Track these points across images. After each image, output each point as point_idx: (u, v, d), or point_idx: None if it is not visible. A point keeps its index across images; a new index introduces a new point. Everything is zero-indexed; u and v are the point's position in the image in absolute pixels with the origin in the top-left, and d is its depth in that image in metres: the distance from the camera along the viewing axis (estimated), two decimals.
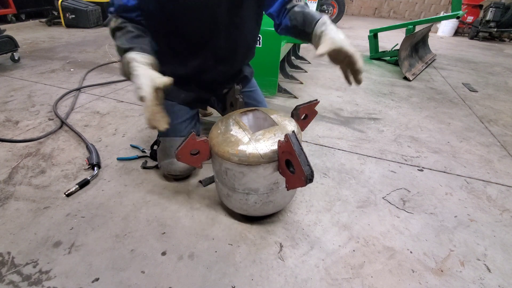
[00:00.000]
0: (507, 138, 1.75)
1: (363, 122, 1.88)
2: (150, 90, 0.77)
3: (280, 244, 0.97)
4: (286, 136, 0.76)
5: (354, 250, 0.96)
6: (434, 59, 3.58)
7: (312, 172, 0.71)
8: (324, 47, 0.85)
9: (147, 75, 0.80)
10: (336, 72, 2.92)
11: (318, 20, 0.90)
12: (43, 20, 4.85)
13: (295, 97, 2.21)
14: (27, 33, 4.07)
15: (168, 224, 1.03)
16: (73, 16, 4.49)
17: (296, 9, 0.99)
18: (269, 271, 0.88)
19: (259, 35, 1.83)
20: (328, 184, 1.27)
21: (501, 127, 1.90)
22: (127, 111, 1.86)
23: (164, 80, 0.80)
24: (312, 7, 2.14)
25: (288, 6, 1.01)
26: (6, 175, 1.24)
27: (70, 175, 1.26)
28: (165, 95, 1.19)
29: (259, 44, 1.85)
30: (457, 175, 1.38)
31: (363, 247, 0.97)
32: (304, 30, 0.95)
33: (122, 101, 2.01)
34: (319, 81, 2.62)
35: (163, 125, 0.82)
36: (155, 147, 1.29)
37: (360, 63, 0.87)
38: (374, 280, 0.86)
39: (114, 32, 0.96)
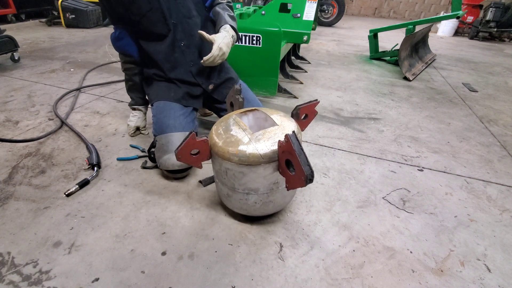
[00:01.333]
0: (507, 138, 1.75)
1: (363, 122, 1.88)
2: (133, 128, 1.56)
3: (280, 244, 0.97)
4: (286, 136, 0.76)
5: (354, 250, 0.96)
6: (434, 59, 3.58)
7: (312, 172, 0.71)
8: (207, 36, 1.20)
9: (134, 121, 1.55)
10: (336, 72, 2.92)
11: (222, 25, 1.27)
12: (43, 20, 4.85)
13: (295, 97, 2.21)
14: (27, 33, 4.07)
15: (168, 224, 1.03)
16: (73, 16, 4.49)
17: (217, 8, 1.35)
18: (269, 271, 0.88)
19: (259, 35, 1.83)
20: (328, 184, 1.27)
21: (501, 127, 1.90)
22: (127, 111, 1.86)
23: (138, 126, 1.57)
24: (312, 7, 2.14)
25: (214, 3, 1.37)
26: (6, 175, 1.24)
27: (70, 175, 1.26)
28: (157, 97, 1.34)
29: (259, 44, 1.85)
30: (457, 175, 1.38)
31: (363, 247, 0.97)
32: (215, 27, 1.34)
33: (122, 101, 2.01)
34: (319, 81, 2.62)
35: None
36: (152, 149, 1.29)
37: (210, 54, 1.19)
38: (374, 280, 0.86)
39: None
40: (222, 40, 1.20)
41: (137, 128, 1.56)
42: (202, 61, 1.21)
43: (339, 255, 0.94)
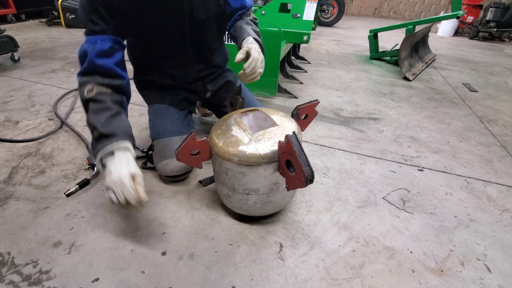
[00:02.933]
0: (507, 138, 1.75)
1: (363, 122, 1.88)
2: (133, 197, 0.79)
3: (280, 244, 0.97)
4: (287, 136, 0.76)
5: (354, 250, 0.96)
6: (434, 59, 3.58)
7: (312, 172, 0.71)
8: (239, 55, 1.02)
9: (127, 165, 0.82)
10: (336, 72, 2.92)
11: (244, 38, 1.10)
12: (43, 20, 4.85)
13: (295, 97, 2.21)
14: (27, 33, 4.07)
15: (168, 224, 1.03)
16: (73, 16, 4.48)
17: (239, 23, 1.20)
18: (269, 271, 0.88)
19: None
20: (328, 184, 1.27)
21: (501, 127, 1.90)
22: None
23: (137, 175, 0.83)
24: (312, 7, 2.14)
25: (238, 19, 1.22)
26: (6, 175, 1.24)
27: (70, 175, 1.26)
28: (153, 100, 1.28)
29: None
30: (457, 175, 1.38)
31: (363, 247, 0.97)
32: (236, 42, 1.18)
33: None
34: (319, 81, 2.62)
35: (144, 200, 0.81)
36: (150, 152, 1.28)
37: (248, 63, 1.01)
38: (374, 280, 0.86)
39: (87, 102, 0.87)
40: (254, 50, 1.03)
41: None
42: (242, 72, 1.02)
43: (339, 255, 0.94)
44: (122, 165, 0.80)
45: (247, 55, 1.02)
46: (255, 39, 1.10)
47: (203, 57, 1.27)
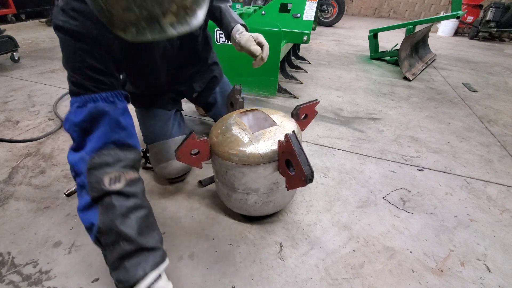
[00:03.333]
0: (507, 138, 1.75)
1: (363, 122, 1.88)
2: None
3: (280, 244, 0.97)
4: (286, 136, 0.76)
5: (354, 250, 0.96)
6: (434, 59, 3.58)
7: (312, 172, 0.71)
8: (258, 49, 1.05)
9: None
10: (336, 72, 2.92)
11: (233, 27, 1.10)
12: (43, 20, 4.86)
13: (295, 97, 2.21)
14: (27, 33, 4.07)
15: (168, 224, 1.03)
16: None
17: (214, 3, 1.15)
18: (269, 271, 0.88)
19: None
20: (328, 184, 1.27)
21: (501, 127, 1.90)
22: None
23: None
24: (312, 7, 2.14)
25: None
26: (6, 175, 1.24)
27: (70, 175, 1.26)
28: (138, 102, 1.22)
29: None
30: (457, 175, 1.38)
31: (363, 247, 0.97)
32: (221, 26, 1.16)
33: None
34: (319, 81, 2.62)
35: None
36: (147, 154, 1.28)
37: (265, 51, 1.06)
38: (374, 280, 0.86)
39: (105, 196, 0.62)
40: (261, 38, 1.08)
41: None
42: (258, 59, 1.05)
43: (339, 255, 0.94)
44: None
45: (260, 45, 1.07)
46: (243, 25, 1.13)
47: (191, 61, 1.24)
